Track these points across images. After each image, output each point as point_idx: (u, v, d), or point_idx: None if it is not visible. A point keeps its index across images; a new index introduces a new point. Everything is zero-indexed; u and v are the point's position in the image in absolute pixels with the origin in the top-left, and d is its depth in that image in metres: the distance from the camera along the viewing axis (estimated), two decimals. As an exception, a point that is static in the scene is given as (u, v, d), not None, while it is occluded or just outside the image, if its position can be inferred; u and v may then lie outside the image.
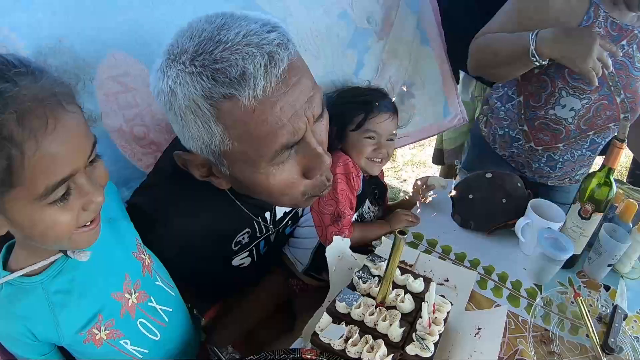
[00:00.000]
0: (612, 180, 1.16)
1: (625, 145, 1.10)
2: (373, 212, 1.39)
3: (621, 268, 1.30)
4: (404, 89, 1.69)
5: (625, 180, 2.13)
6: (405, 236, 0.79)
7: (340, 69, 1.44)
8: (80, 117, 0.64)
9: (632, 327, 1.16)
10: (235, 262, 1.16)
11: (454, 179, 2.41)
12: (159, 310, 0.92)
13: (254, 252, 1.18)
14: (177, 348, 0.99)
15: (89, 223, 0.70)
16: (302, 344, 0.98)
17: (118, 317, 0.83)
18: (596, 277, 1.28)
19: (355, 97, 1.28)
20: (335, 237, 1.12)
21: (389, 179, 3.37)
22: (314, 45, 1.33)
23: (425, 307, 0.88)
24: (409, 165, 3.52)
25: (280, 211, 1.16)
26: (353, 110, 1.25)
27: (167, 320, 0.93)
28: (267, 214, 1.11)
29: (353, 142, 1.27)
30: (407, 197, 1.56)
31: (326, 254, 1.09)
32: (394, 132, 1.29)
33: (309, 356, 0.88)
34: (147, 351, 0.89)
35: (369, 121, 1.24)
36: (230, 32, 0.68)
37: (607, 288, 1.26)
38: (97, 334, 0.80)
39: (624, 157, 3.60)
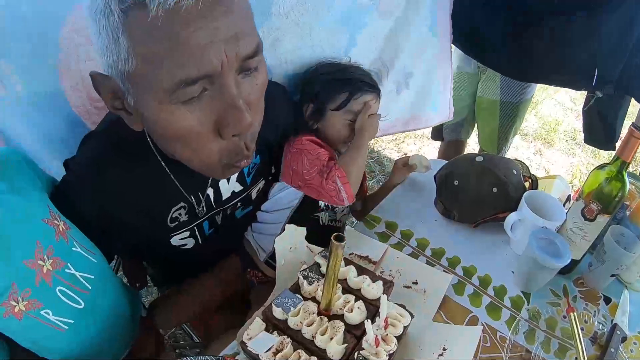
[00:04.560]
0: (625, 176, 0.97)
1: (645, 135, 0.91)
2: None
3: (627, 277, 1.14)
4: (402, 77, 1.61)
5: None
6: (343, 243, 0.62)
7: (328, 46, 1.30)
8: None
9: (632, 350, 1.00)
10: (175, 241, 1.03)
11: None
12: (79, 277, 0.88)
13: (197, 232, 1.05)
14: (108, 317, 0.97)
15: None
16: (234, 348, 0.84)
17: (33, 285, 0.79)
18: (597, 286, 1.12)
19: (338, 74, 1.16)
20: (288, 225, 0.96)
21: (390, 152, 3.21)
22: (302, 18, 1.19)
23: (369, 324, 0.71)
24: (411, 138, 3.35)
25: (226, 191, 1.03)
26: (336, 87, 1.13)
27: (89, 287, 0.89)
28: (210, 191, 0.99)
29: (333, 122, 1.15)
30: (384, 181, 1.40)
31: (275, 245, 0.93)
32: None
33: (234, 365, 0.73)
34: (72, 321, 0.86)
35: (353, 101, 1.13)
36: None
37: (607, 300, 1.10)
38: (15, 306, 0.78)
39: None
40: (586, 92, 1.75)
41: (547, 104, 4.11)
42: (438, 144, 2.40)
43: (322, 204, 1.17)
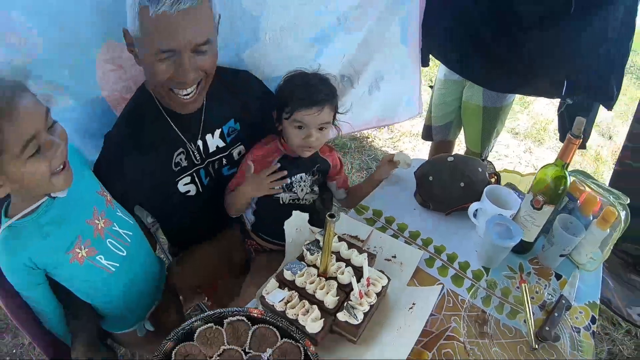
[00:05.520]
0: (567, 173, 1.20)
1: (579, 141, 1.14)
2: (304, 181, 1.45)
3: (579, 259, 1.35)
4: (374, 81, 1.87)
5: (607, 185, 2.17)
6: (335, 219, 0.87)
7: (301, 56, 1.60)
8: (28, 96, 0.92)
9: (577, 317, 1.20)
10: (181, 187, 1.40)
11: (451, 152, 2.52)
12: (122, 233, 1.22)
13: (197, 180, 1.42)
14: (142, 267, 1.31)
15: (60, 168, 0.98)
16: (255, 304, 1.09)
17: (92, 237, 1.12)
18: (549, 265, 1.33)
19: (291, 88, 1.34)
20: (294, 212, 1.22)
21: (387, 149, 3.42)
22: (280, 38, 1.51)
23: (354, 280, 0.96)
24: (407, 137, 3.55)
25: (212, 145, 1.42)
26: (286, 100, 1.33)
27: (129, 240, 1.23)
28: (200, 143, 1.39)
29: (285, 128, 1.36)
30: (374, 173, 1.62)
31: (284, 227, 1.20)
32: (327, 121, 1.35)
33: (255, 314, 0.99)
34: (117, 264, 1.19)
35: (296, 113, 1.31)
36: None
37: (558, 277, 1.31)
38: (79, 252, 1.09)
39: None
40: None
41: (539, 103, 4.24)
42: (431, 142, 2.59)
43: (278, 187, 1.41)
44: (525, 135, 3.82)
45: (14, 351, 2.08)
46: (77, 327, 1.18)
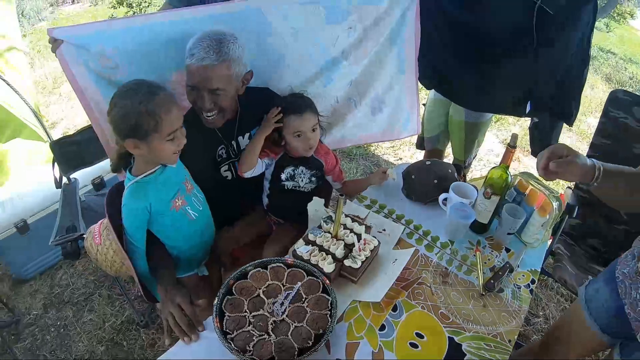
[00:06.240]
0: (508, 172, 1.67)
1: (515, 150, 1.62)
2: (304, 173, 1.85)
3: (526, 238, 1.78)
4: (376, 104, 2.28)
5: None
6: (344, 197, 1.39)
7: (312, 83, 2.07)
8: (179, 105, 1.44)
9: (519, 279, 1.63)
10: (222, 172, 1.88)
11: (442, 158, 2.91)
12: (198, 195, 1.71)
13: (232, 169, 1.89)
14: (207, 222, 1.77)
15: (178, 151, 1.48)
16: (289, 257, 1.59)
17: (185, 193, 1.62)
18: (500, 241, 1.77)
19: (282, 113, 1.75)
20: (314, 197, 1.74)
21: (388, 157, 3.87)
22: (299, 69, 2.01)
23: (356, 239, 1.48)
24: (406, 145, 3.97)
25: (243, 144, 1.87)
26: (283, 121, 1.74)
27: (201, 201, 1.72)
28: (234, 143, 1.86)
29: (289, 142, 1.78)
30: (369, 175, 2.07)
31: (307, 208, 1.72)
32: (315, 122, 1.75)
33: (290, 261, 1.49)
34: (197, 214, 1.67)
35: (292, 125, 1.73)
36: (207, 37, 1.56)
37: (507, 250, 1.75)
38: (177, 202, 1.58)
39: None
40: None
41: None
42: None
43: (283, 176, 1.82)
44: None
45: (58, 323, 2.42)
46: (162, 272, 1.56)
